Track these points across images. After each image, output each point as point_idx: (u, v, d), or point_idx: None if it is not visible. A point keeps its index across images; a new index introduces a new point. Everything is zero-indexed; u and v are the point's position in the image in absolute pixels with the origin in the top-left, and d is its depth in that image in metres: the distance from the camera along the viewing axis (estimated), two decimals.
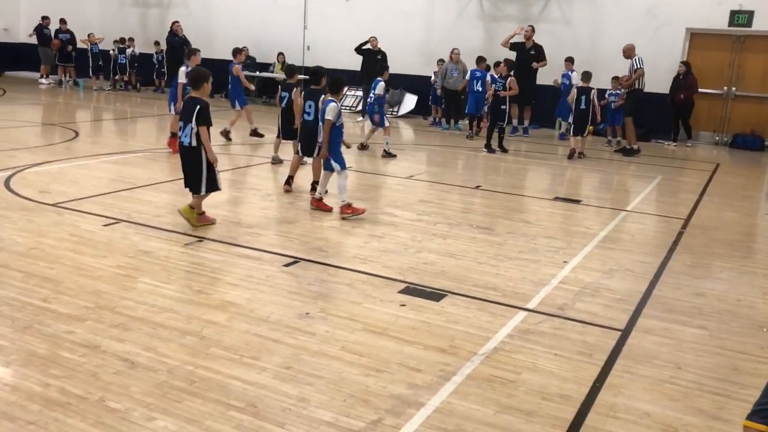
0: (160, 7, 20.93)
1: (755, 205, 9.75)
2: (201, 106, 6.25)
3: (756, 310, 5.26)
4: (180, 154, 6.50)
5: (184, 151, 6.40)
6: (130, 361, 3.94)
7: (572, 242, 6.90)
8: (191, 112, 6.25)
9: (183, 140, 6.33)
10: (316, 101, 7.93)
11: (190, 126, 6.25)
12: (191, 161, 6.39)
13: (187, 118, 6.29)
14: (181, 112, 6.44)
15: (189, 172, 6.48)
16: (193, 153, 6.33)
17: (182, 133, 6.33)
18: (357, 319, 4.69)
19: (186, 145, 6.33)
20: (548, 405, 3.72)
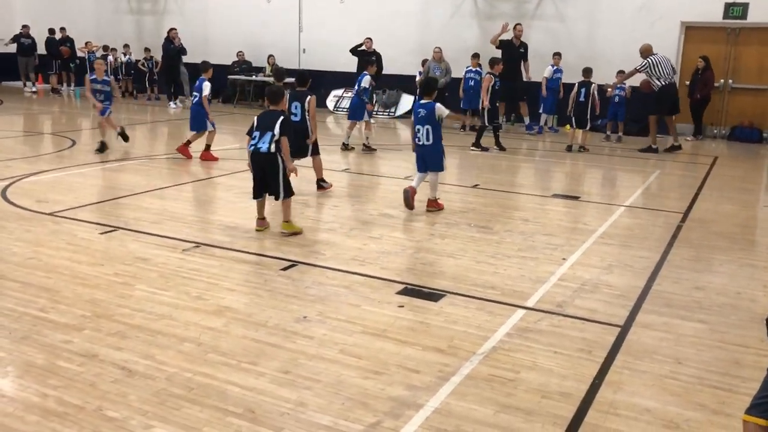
0: (155, 14, 20.94)
1: (754, 197, 9.73)
2: (285, 118, 6.59)
3: (756, 302, 5.24)
4: (255, 161, 6.55)
5: (262, 157, 6.48)
6: (128, 369, 3.92)
7: (571, 239, 6.88)
8: (273, 122, 6.48)
9: (261, 147, 6.44)
10: (303, 102, 8.23)
11: (270, 134, 6.42)
12: (270, 167, 6.50)
13: (267, 127, 6.46)
14: (257, 123, 6.56)
15: (268, 179, 6.57)
16: (272, 159, 6.47)
17: (259, 141, 6.46)
18: (355, 322, 4.67)
19: (264, 152, 6.44)
20: (548, 403, 3.70)
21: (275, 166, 6.50)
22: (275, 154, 6.45)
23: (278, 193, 6.58)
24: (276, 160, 6.48)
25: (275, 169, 6.51)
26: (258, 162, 6.53)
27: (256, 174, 6.59)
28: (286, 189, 6.60)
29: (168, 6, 20.70)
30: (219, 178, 9.52)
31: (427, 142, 7.67)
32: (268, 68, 18.68)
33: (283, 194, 6.58)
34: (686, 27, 14.82)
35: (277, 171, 6.51)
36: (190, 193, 8.55)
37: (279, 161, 6.49)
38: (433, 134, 7.63)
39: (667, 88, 12.79)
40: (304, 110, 8.28)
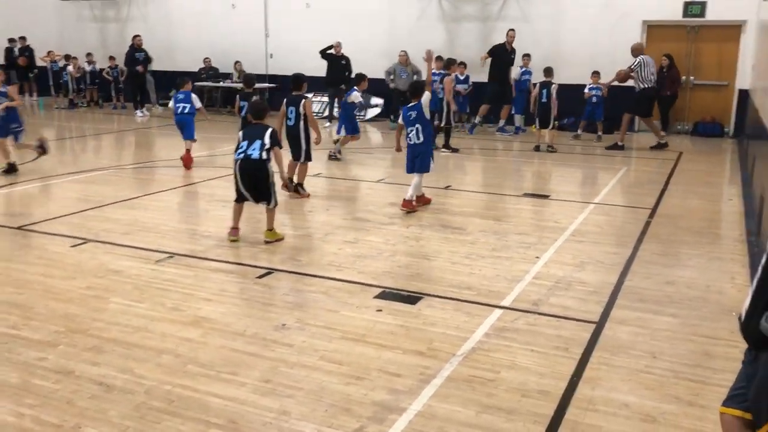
0: (119, 21, 20.67)
1: (718, 191, 9.95)
2: (273, 129, 6.71)
3: (725, 295, 5.37)
4: (244, 168, 6.52)
5: (253, 164, 6.48)
6: (105, 385, 3.88)
7: (543, 237, 6.96)
8: (262, 133, 6.58)
9: (251, 154, 6.46)
10: (297, 107, 8.35)
11: (259, 142, 6.49)
12: (260, 174, 6.52)
13: (255, 137, 6.54)
14: (243, 136, 6.64)
15: (259, 186, 6.57)
16: (263, 166, 6.51)
17: (248, 148, 6.49)
18: (334, 328, 4.68)
19: (255, 159, 6.46)
20: (528, 402, 3.75)
21: (266, 173, 6.53)
22: (266, 162, 6.49)
23: (270, 200, 6.60)
24: (267, 167, 6.52)
25: (266, 176, 6.54)
26: (248, 169, 6.50)
27: (244, 181, 6.54)
28: (275, 197, 6.65)
29: (131, 13, 20.45)
30: (189, 187, 9.44)
31: (418, 141, 7.90)
32: (236, 74, 18.56)
33: (274, 201, 6.63)
34: (648, 26, 15.09)
35: (268, 178, 6.55)
36: (161, 202, 8.46)
37: (269, 168, 6.54)
38: (424, 133, 7.89)
39: (648, 92, 12.97)
40: (298, 114, 8.38)
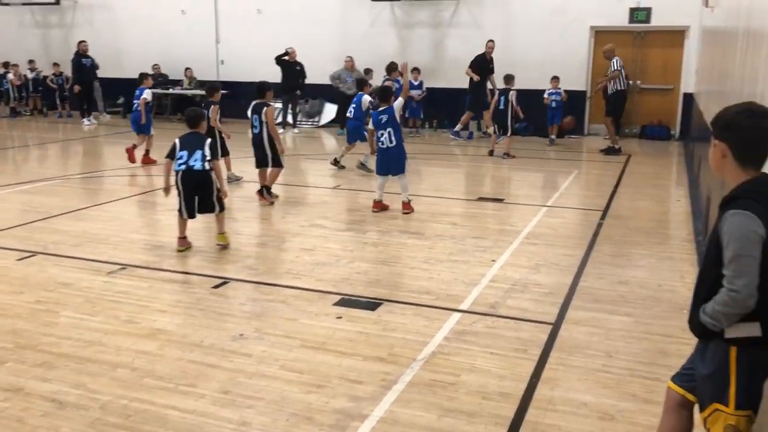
0: (63, 27, 20.16)
1: (666, 192, 10.22)
2: (212, 141, 6.64)
3: (676, 293, 5.51)
4: (187, 180, 6.43)
5: (196, 175, 6.41)
6: (58, 401, 3.76)
7: (499, 240, 7.04)
8: (201, 143, 6.48)
9: (194, 165, 6.38)
10: (260, 114, 8.43)
11: (200, 152, 6.41)
12: (204, 184, 6.48)
13: (195, 147, 6.44)
14: (180, 144, 6.50)
15: (204, 197, 6.52)
16: (206, 176, 6.46)
17: (189, 159, 6.39)
18: (294, 336, 4.63)
19: (198, 170, 6.40)
20: (489, 404, 3.78)
21: (209, 183, 6.49)
22: (209, 172, 6.44)
23: (214, 208, 6.57)
24: (210, 178, 6.47)
25: (209, 185, 6.49)
26: (191, 180, 6.42)
27: (189, 193, 6.45)
28: (220, 203, 6.61)
29: (76, 19, 19.97)
30: (139, 196, 9.26)
31: (391, 145, 8.05)
32: (186, 81, 18.30)
33: (218, 208, 6.58)
34: (596, 31, 15.44)
35: (212, 187, 6.50)
36: (111, 213, 8.26)
37: (212, 178, 6.49)
38: (396, 136, 8.05)
39: (622, 93, 13.22)
40: (261, 122, 8.48)
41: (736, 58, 5.78)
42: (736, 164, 2.49)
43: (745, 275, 2.34)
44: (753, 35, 4.79)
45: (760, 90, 3.92)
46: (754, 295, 2.34)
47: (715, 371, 2.55)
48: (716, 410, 2.56)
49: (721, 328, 2.47)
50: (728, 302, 2.38)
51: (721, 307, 2.41)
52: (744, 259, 2.34)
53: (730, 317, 2.41)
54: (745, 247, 2.34)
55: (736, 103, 2.62)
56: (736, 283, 2.35)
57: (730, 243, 2.37)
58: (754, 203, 2.37)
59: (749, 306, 2.36)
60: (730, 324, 2.44)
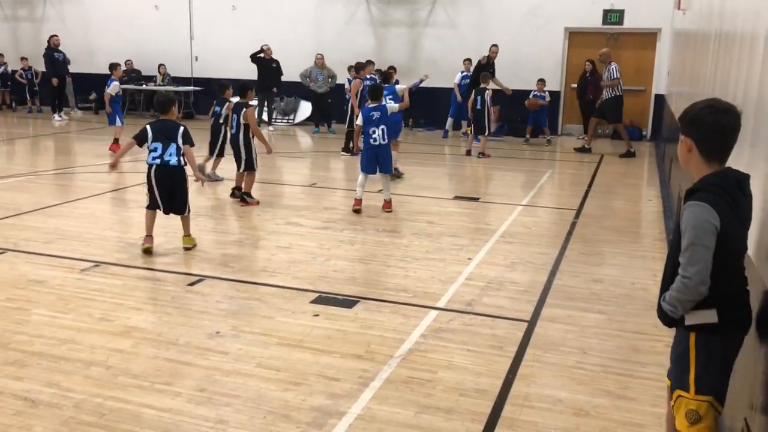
0: (33, 21, 19.81)
1: (638, 192, 10.37)
2: (185, 128, 6.26)
3: (648, 291, 5.59)
4: (161, 175, 6.18)
5: (171, 171, 6.16)
6: (30, 400, 3.70)
7: (475, 239, 7.09)
8: (174, 132, 6.18)
9: (169, 160, 6.12)
10: (239, 115, 8.27)
11: (174, 145, 6.12)
12: (179, 181, 6.24)
13: (168, 138, 6.15)
14: (152, 133, 6.21)
15: (176, 194, 6.27)
16: (181, 172, 6.23)
17: (164, 153, 6.11)
18: (270, 334, 4.62)
19: (174, 165, 6.14)
20: (466, 401, 3.80)
21: (184, 180, 6.30)
22: (183, 168, 6.26)
23: (185, 209, 6.39)
24: (184, 174, 6.29)
25: (184, 182, 6.31)
26: (166, 175, 6.21)
27: (163, 188, 6.24)
28: (189, 204, 6.46)
29: (47, 13, 19.64)
30: (113, 193, 9.14)
31: (383, 142, 8.07)
32: (159, 77, 18.10)
33: (188, 209, 6.44)
34: (570, 32, 15.61)
35: (186, 185, 6.33)
36: (84, 210, 8.15)
37: (186, 175, 6.31)
38: (387, 134, 8.10)
39: (620, 98, 13.14)
40: (239, 123, 8.25)
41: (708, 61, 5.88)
42: (700, 158, 2.59)
43: (697, 263, 2.45)
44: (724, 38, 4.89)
45: (731, 92, 4.00)
46: (705, 282, 2.45)
47: (678, 358, 2.67)
48: (679, 397, 2.66)
49: (679, 315, 2.58)
50: (681, 289, 2.49)
51: (676, 293, 2.52)
52: (697, 248, 2.45)
53: (684, 304, 2.52)
54: (698, 236, 2.44)
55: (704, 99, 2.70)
56: (688, 270, 2.47)
57: (686, 232, 2.48)
58: (713, 196, 2.48)
59: (701, 293, 2.47)
60: (685, 310, 2.55)
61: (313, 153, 13.41)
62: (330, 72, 15.92)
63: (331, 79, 15.89)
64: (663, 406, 3.68)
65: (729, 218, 2.46)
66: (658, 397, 3.82)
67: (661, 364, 4.22)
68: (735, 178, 2.57)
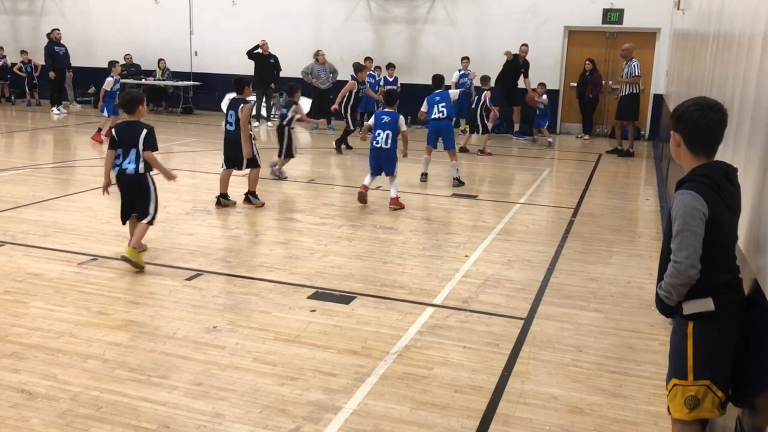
0: (32, 14, 19.78)
1: (636, 191, 10.39)
2: (148, 132, 5.78)
3: (644, 290, 5.61)
4: (121, 183, 5.82)
5: (129, 179, 5.75)
6: (27, 392, 3.71)
7: (472, 236, 7.10)
8: (136, 136, 5.72)
9: (127, 168, 5.71)
10: (236, 111, 7.92)
11: (134, 151, 5.71)
12: (139, 188, 5.80)
13: (130, 144, 5.72)
14: (117, 136, 5.78)
15: (135, 201, 5.85)
16: (141, 180, 5.77)
17: (124, 160, 5.73)
18: (267, 329, 4.63)
19: (131, 173, 5.72)
20: (461, 397, 3.82)
21: (144, 188, 5.81)
22: (144, 175, 5.77)
23: (147, 213, 5.83)
24: (145, 181, 5.80)
25: (145, 190, 5.82)
26: (125, 183, 5.80)
27: (124, 196, 5.87)
28: (155, 211, 5.90)
29: (46, 6, 19.61)
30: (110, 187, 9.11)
31: (385, 146, 8.12)
32: (159, 72, 18.08)
33: (152, 215, 5.86)
34: (569, 31, 15.62)
35: (148, 192, 5.83)
36: (82, 203, 8.15)
37: (149, 181, 5.83)
38: (392, 140, 8.14)
39: (637, 96, 13.03)
40: (238, 119, 7.86)
41: (707, 61, 5.90)
42: (689, 152, 2.72)
43: (687, 248, 2.56)
44: (723, 38, 4.90)
45: (729, 92, 4.02)
46: (695, 266, 2.56)
47: (676, 346, 2.74)
48: (675, 386, 2.73)
49: (674, 302, 2.68)
50: (673, 273, 2.61)
51: (669, 279, 2.63)
52: (686, 233, 2.56)
53: (677, 289, 2.63)
54: (687, 222, 2.56)
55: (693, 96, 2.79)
56: (678, 255, 2.58)
57: (676, 219, 2.61)
58: (700, 185, 2.60)
59: (691, 276, 2.58)
60: (680, 296, 2.65)
61: (312, 149, 13.41)
62: (331, 67, 15.92)
63: (332, 75, 15.88)
64: (657, 404, 3.72)
65: (717, 206, 2.58)
66: (652, 395, 3.85)
67: (656, 362, 4.25)
68: (722, 169, 2.69)
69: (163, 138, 12.62)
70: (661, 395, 3.67)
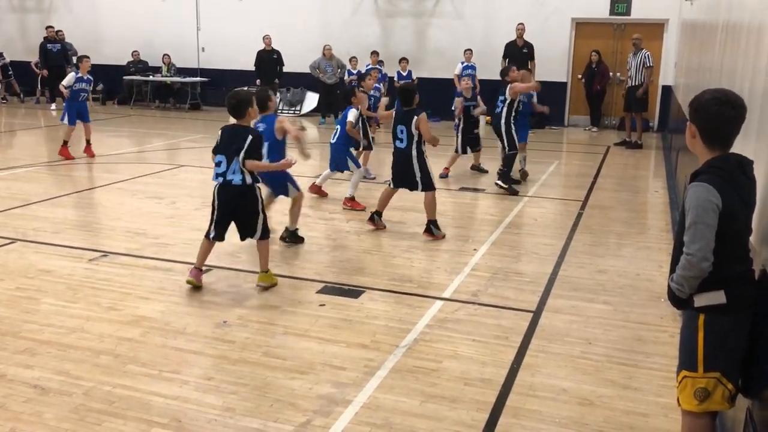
0: (41, 12, 19.83)
1: (645, 183, 10.35)
2: (254, 137, 5.08)
3: (654, 282, 5.60)
4: (222, 195, 5.14)
5: (233, 191, 5.08)
6: (40, 387, 3.75)
7: (480, 230, 7.10)
8: (241, 143, 5.03)
9: (232, 179, 5.04)
10: (408, 125, 6.62)
11: (237, 161, 5.05)
12: (245, 202, 5.14)
13: (234, 150, 5.05)
14: (220, 141, 5.16)
15: (241, 217, 5.21)
16: (247, 192, 5.11)
17: (228, 169, 5.06)
18: (277, 323, 4.66)
19: (237, 184, 5.05)
20: (471, 390, 3.83)
21: (252, 202, 5.13)
22: (251, 186, 5.10)
23: (254, 232, 5.21)
24: (253, 194, 5.13)
25: (252, 204, 5.14)
26: (227, 196, 5.11)
27: (223, 210, 5.17)
28: (264, 228, 5.27)
29: (54, 4, 19.67)
30: (120, 184, 9.18)
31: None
32: (164, 68, 18.11)
33: (260, 233, 5.24)
34: (577, 23, 15.54)
35: (256, 207, 5.17)
36: (91, 200, 8.21)
37: (257, 195, 5.16)
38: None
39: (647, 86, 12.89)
40: (411, 134, 6.57)
41: (715, 52, 5.86)
42: (703, 144, 2.71)
43: (700, 240, 2.55)
44: (732, 29, 4.87)
45: (738, 83, 4.00)
46: (707, 258, 2.55)
47: (687, 338, 2.74)
48: (685, 377, 2.73)
49: (686, 294, 2.66)
50: (686, 266, 2.59)
51: (681, 271, 2.62)
52: (699, 225, 2.55)
53: (689, 281, 2.62)
54: (700, 215, 2.55)
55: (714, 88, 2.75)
56: (691, 248, 2.56)
57: (689, 212, 2.59)
58: (715, 177, 2.59)
59: (703, 269, 2.56)
60: (692, 288, 2.64)
61: (319, 144, 13.41)
62: (339, 62, 15.90)
63: (340, 70, 15.87)
64: (667, 396, 3.72)
65: (731, 198, 2.57)
66: (662, 387, 3.85)
67: (665, 354, 4.25)
68: (737, 161, 2.67)
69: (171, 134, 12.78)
70: (670, 387, 3.66)
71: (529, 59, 14.54)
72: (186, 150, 12.12)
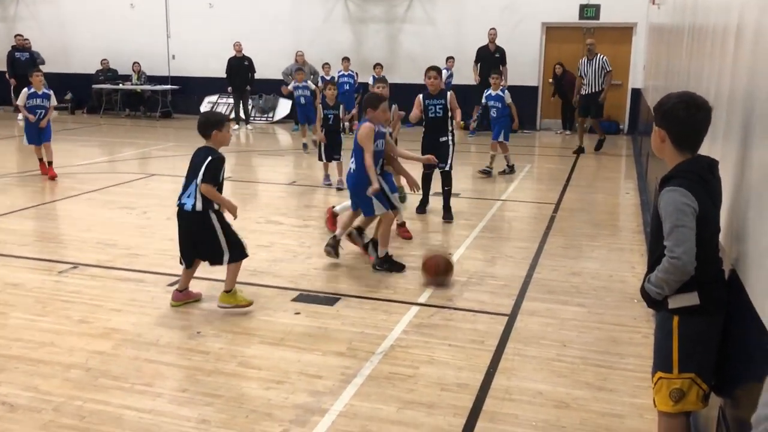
0: (5, 20, 19.51)
1: (616, 185, 10.47)
2: (212, 159, 4.77)
3: (626, 283, 5.66)
4: (179, 219, 4.96)
5: (186, 216, 4.87)
6: (8, 404, 3.66)
7: (454, 234, 7.12)
8: (199, 165, 4.79)
9: (185, 203, 4.84)
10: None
11: (194, 184, 4.80)
12: (199, 228, 4.87)
13: (193, 174, 4.82)
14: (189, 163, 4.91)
15: (197, 244, 4.96)
16: (201, 218, 4.83)
17: (183, 193, 4.86)
18: (252, 333, 4.61)
19: (188, 210, 4.82)
20: (447, 395, 3.82)
21: (205, 228, 4.85)
22: (201, 213, 4.81)
23: (220, 257, 4.91)
24: (203, 221, 4.83)
25: (206, 231, 4.85)
26: (180, 220, 4.94)
27: (180, 236, 5.00)
28: (232, 249, 4.93)
29: (19, 12, 19.36)
30: (90, 194, 9.04)
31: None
32: (135, 76, 17.93)
33: (228, 256, 4.92)
34: (546, 27, 15.70)
35: (210, 233, 4.86)
36: (60, 211, 8.07)
37: (210, 221, 4.84)
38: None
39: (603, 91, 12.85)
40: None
41: (682, 55, 5.95)
42: (673, 148, 2.72)
43: (684, 243, 2.56)
44: (698, 32, 4.95)
45: (705, 85, 4.05)
46: (693, 261, 2.56)
47: (661, 340, 2.76)
48: (660, 378, 2.76)
49: (664, 296, 2.68)
50: (670, 269, 2.59)
51: (663, 274, 2.62)
52: (680, 229, 2.56)
53: (671, 284, 2.63)
54: (680, 218, 2.56)
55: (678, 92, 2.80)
56: (676, 251, 2.57)
57: (667, 217, 2.60)
58: (688, 181, 2.61)
59: (689, 271, 2.58)
60: (672, 290, 2.65)
61: (292, 151, 13.36)
62: (311, 68, 15.86)
63: (313, 76, 15.83)
64: (642, 397, 3.75)
65: (704, 201, 2.60)
66: (637, 388, 3.88)
67: (639, 355, 4.28)
68: (706, 163, 2.70)
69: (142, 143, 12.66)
70: (645, 387, 3.70)
71: (501, 64, 14.61)
72: (157, 159, 11.99)
